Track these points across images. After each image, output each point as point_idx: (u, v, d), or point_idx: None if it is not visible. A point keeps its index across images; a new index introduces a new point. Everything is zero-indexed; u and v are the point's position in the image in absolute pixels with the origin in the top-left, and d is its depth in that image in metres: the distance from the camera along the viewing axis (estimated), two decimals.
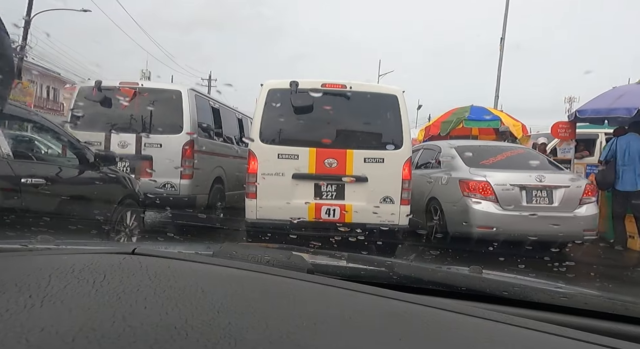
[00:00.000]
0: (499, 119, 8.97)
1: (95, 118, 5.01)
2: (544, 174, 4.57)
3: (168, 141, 4.98)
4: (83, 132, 4.91)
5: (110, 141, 4.95)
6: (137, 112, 5.09)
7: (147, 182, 4.83)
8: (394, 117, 4.15)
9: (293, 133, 4.17)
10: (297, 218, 3.97)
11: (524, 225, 4.20)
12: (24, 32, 15.11)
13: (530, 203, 4.47)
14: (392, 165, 4.05)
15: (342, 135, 4.21)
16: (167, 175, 4.90)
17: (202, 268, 0.66)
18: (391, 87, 4.27)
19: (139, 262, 0.62)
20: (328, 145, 4.07)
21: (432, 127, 9.71)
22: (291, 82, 4.02)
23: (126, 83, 5.18)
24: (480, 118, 9.08)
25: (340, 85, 4.13)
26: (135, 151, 4.95)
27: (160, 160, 4.93)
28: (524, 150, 5.80)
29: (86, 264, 0.58)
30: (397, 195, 4.04)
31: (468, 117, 8.97)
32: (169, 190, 4.93)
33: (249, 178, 4.07)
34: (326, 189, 4.05)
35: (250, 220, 4.05)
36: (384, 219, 4.04)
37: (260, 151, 4.04)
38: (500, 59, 12.49)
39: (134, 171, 4.93)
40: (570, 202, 4.52)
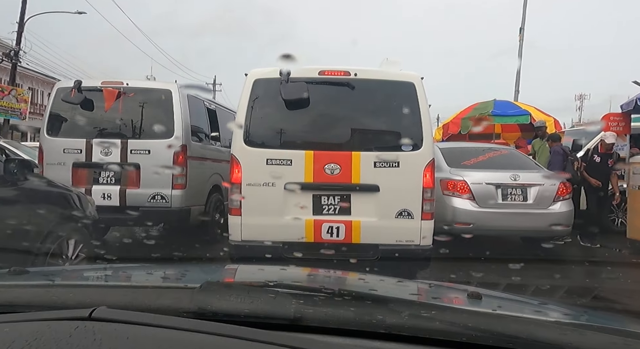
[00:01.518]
0: (528, 114, 8.13)
1: (75, 122, 4.57)
2: (519, 173, 4.89)
3: (157, 146, 4.52)
4: (62, 139, 4.56)
5: (92, 148, 4.49)
6: (122, 115, 4.65)
7: (134, 193, 4.46)
8: (410, 109, 3.39)
9: (285, 133, 3.45)
10: (291, 239, 3.25)
11: (500, 221, 4.60)
12: (17, 37, 14.80)
13: (506, 201, 4.82)
14: (410, 170, 3.29)
15: (346, 134, 3.47)
16: (157, 185, 4.47)
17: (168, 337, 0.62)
18: (407, 72, 3.49)
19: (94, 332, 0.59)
20: (329, 147, 3.34)
21: (450, 125, 8.89)
22: (281, 69, 3.30)
23: (109, 83, 4.66)
24: (505, 113, 8.31)
25: (342, 72, 3.39)
26: (121, 159, 4.48)
27: (148, 168, 4.46)
28: (508, 150, 6.04)
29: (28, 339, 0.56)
30: (416, 207, 3.28)
31: (492, 112, 8.17)
32: (159, 202, 4.46)
33: (232, 189, 3.36)
34: (327, 202, 3.31)
35: (234, 241, 3.33)
36: (401, 238, 3.28)
37: (245, 156, 3.32)
38: (520, 49, 11.70)
39: (119, 181, 4.50)
40: (545, 199, 4.85)
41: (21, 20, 14.42)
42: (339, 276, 1.44)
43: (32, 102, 27.30)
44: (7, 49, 16.29)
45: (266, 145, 3.38)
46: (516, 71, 11.91)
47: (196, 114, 5.02)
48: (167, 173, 4.48)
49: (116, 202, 4.42)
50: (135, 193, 4.47)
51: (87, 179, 4.51)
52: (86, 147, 4.49)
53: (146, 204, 4.44)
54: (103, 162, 4.47)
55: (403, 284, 1.32)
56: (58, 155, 4.50)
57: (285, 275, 1.35)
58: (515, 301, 1.15)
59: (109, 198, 4.43)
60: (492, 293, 1.20)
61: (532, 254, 4.98)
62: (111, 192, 4.46)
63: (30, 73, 26.51)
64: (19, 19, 14.38)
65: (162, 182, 4.49)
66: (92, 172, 4.54)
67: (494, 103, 8.53)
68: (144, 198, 4.46)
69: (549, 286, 2.94)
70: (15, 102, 14.48)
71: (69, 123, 4.64)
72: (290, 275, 1.37)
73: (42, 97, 29.76)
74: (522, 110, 8.39)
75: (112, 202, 4.41)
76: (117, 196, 4.45)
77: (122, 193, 4.47)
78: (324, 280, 1.31)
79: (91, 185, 4.49)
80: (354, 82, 3.38)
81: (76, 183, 4.36)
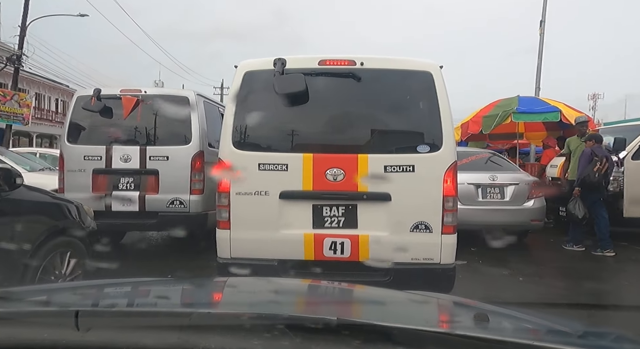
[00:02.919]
0: (558, 111, 7.55)
1: (95, 129, 4.80)
2: (497, 174, 5.62)
3: (175, 153, 4.66)
4: (82, 146, 4.73)
5: (112, 154, 4.64)
6: (141, 122, 4.83)
7: (153, 199, 4.60)
8: (428, 104, 2.95)
9: (280, 134, 3.05)
10: (288, 256, 2.84)
11: (480, 217, 5.09)
12: (19, 41, 14.83)
13: (485, 199, 5.53)
14: (428, 176, 2.86)
15: (352, 134, 3.05)
16: (176, 190, 4.60)
17: None
18: (423, 60, 3.05)
19: None
20: (331, 149, 2.93)
21: (470, 124, 8.38)
22: (276, 59, 2.91)
23: (128, 91, 4.86)
24: (531, 110, 7.73)
25: (346, 61, 2.97)
26: (140, 165, 4.66)
27: (167, 174, 4.63)
28: (488, 154, 6.63)
29: None
30: (436, 219, 2.83)
31: (517, 109, 7.61)
32: (177, 207, 4.60)
33: (219, 199, 2.97)
34: (330, 213, 2.89)
35: (223, 259, 2.95)
36: (417, 256, 2.84)
37: (234, 160, 2.94)
38: (541, 44, 11.07)
39: (138, 187, 4.67)
40: (520, 197, 5.57)
41: (23, 23, 14.44)
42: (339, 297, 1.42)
43: (38, 108, 27.74)
44: (9, 53, 16.36)
45: (258, 147, 2.99)
46: (536, 67, 11.27)
47: (212, 120, 5.05)
48: (185, 179, 4.58)
49: (135, 208, 4.58)
50: (154, 199, 4.61)
51: (107, 185, 4.67)
52: (106, 153, 4.64)
53: (165, 209, 4.58)
54: (122, 168, 4.63)
55: (406, 301, 1.30)
56: (79, 161, 4.67)
57: (281, 297, 1.31)
58: (525, 321, 1.15)
59: (129, 204, 4.59)
60: (501, 311, 1.22)
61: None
62: (131, 198, 4.61)
63: (37, 79, 26.85)
64: (21, 22, 14.41)
65: (181, 188, 4.60)
66: (112, 178, 4.68)
67: (519, 100, 8.00)
68: (162, 203, 4.59)
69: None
70: (18, 107, 14.46)
71: (89, 131, 4.82)
72: (286, 296, 1.34)
73: (48, 103, 30.17)
74: (551, 106, 7.79)
75: (132, 208, 4.57)
76: (136, 201, 4.61)
77: (142, 199, 4.62)
78: (323, 304, 1.29)
79: (111, 191, 4.63)
80: (361, 72, 2.96)
81: (96, 190, 4.61)
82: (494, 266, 4.78)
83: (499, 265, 4.84)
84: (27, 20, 14.57)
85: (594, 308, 3.24)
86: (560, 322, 1.15)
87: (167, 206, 4.58)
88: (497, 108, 8.03)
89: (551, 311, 3.44)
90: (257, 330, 0.77)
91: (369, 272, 2.81)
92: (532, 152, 9.91)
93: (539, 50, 11.16)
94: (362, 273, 2.80)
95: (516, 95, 8.52)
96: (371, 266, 2.80)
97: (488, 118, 7.95)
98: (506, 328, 1.09)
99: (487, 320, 0.97)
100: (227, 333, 0.76)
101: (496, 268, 4.73)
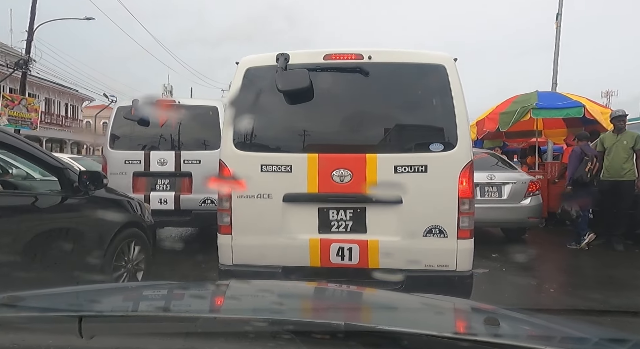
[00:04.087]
0: (581, 106, 7.27)
1: (134, 136, 5.38)
2: (495, 173, 5.85)
3: (207, 157, 5.05)
4: (123, 151, 5.33)
5: (150, 159, 5.24)
6: (175, 129, 5.39)
7: (187, 199, 5.16)
8: (441, 99, 2.82)
9: (284, 133, 2.95)
10: (292, 263, 2.74)
11: (479, 215, 5.53)
12: (27, 45, 15.08)
13: (484, 197, 5.77)
14: (442, 176, 2.72)
15: (360, 132, 2.93)
16: (207, 190, 4.97)
17: None
18: (436, 53, 2.91)
19: None
20: (337, 149, 2.81)
21: (486, 121, 8.13)
22: (279, 55, 2.81)
23: (163, 101, 5.61)
24: (552, 105, 7.43)
25: (353, 55, 2.86)
26: (175, 168, 5.24)
27: (199, 176, 5.10)
28: (487, 154, 6.94)
29: None
30: (451, 223, 2.70)
31: (536, 104, 7.34)
32: (209, 206, 5.03)
33: (220, 203, 2.88)
34: (337, 217, 2.78)
35: (225, 266, 2.86)
36: (431, 263, 2.70)
37: (235, 161, 2.85)
38: (557, 37, 10.72)
39: (174, 188, 5.24)
40: (517, 195, 5.86)
41: (30, 28, 14.68)
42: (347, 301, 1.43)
43: (48, 112, 28.27)
44: (17, 57, 16.66)
45: (261, 147, 2.89)
46: (553, 61, 10.90)
47: None
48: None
49: (171, 206, 5.17)
50: (188, 198, 5.17)
51: (145, 186, 5.26)
52: (144, 158, 5.25)
53: (198, 208, 5.13)
54: (159, 171, 5.26)
55: (416, 305, 1.30)
56: (120, 165, 5.25)
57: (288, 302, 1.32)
58: (538, 326, 1.14)
59: (165, 202, 5.17)
60: (513, 316, 1.22)
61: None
62: (167, 198, 5.19)
63: (46, 84, 27.37)
64: (28, 26, 14.65)
65: (212, 188, 5.25)
66: (150, 180, 5.29)
67: (538, 95, 7.74)
68: (195, 202, 5.14)
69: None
70: (26, 112, 14.69)
71: (129, 138, 5.41)
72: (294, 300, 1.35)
73: (58, 107, 30.72)
74: (573, 101, 7.48)
75: (168, 206, 5.16)
76: (172, 201, 5.19)
77: (177, 198, 5.19)
78: (330, 309, 1.30)
79: (149, 191, 5.23)
80: (369, 66, 2.84)
81: (136, 190, 5.16)
82: (520, 275, 4.57)
83: (525, 273, 4.63)
84: (34, 25, 14.83)
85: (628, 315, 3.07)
86: (577, 327, 1.13)
87: (200, 205, 5.11)
88: (515, 104, 7.77)
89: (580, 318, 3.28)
90: (264, 336, 0.78)
91: (379, 280, 2.68)
92: (550, 150, 9.60)
93: (555, 44, 10.80)
94: (372, 280, 2.67)
95: (534, 90, 8.30)
96: (381, 273, 2.67)
97: (505, 115, 7.69)
98: (517, 333, 1.08)
99: (498, 324, 0.97)
100: (232, 338, 0.76)
101: (522, 277, 4.51)
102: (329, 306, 1.33)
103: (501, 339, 0.92)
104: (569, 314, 3.33)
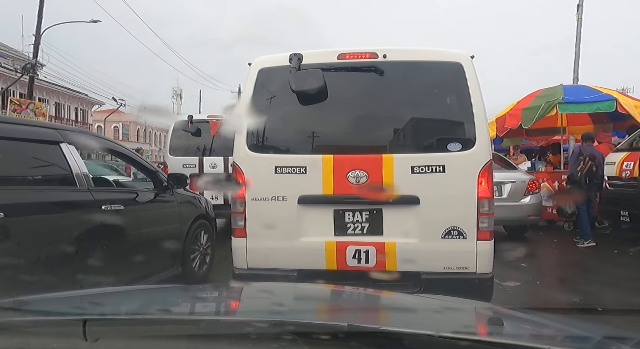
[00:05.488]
0: (613, 99, 7.08)
1: (190, 145, 6.75)
2: (494, 173, 6.33)
3: None
4: (181, 157, 6.69)
5: (203, 163, 6.55)
6: (224, 139, 6.15)
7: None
8: (458, 98, 2.87)
9: (298, 134, 3.03)
10: (308, 266, 2.81)
11: None
12: (34, 49, 15.50)
13: None
14: (460, 176, 2.76)
15: (375, 133, 2.99)
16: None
17: None
18: (452, 50, 2.96)
19: None
20: (353, 150, 2.88)
21: (507, 118, 8.02)
22: (292, 55, 2.89)
23: (213, 116, 6.68)
24: (581, 99, 7.25)
25: (368, 54, 2.93)
26: (224, 170, 6.34)
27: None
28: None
29: None
30: (470, 224, 2.74)
31: (563, 98, 7.18)
32: None
33: (234, 205, 2.98)
34: (353, 219, 2.85)
35: (240, 269, 2.95)
36: (450, 265, 2.75)
37: (249, 164, 2.94)
38: (579, 29, 10.55)
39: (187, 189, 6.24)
40: (517, 194, 6.26)
41: (37, 32, 15.12)
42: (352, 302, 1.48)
43: (58, 117, 29.01)
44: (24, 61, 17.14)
45: (275, 149, 2.98)
46: (574, 54, 10.66)
47: None
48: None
49: (221, 201, 6.15)
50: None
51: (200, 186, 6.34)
52: (199, 162, 6.57)
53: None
54: (211, 173, 6.39)
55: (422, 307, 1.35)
56: (179, 169, 6.21)
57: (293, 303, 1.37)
58: (542, 325, 1.17)
59: (216, 198, 6.17)
60: (518, 316, 1.26)
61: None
62: (218, 195, 6.22)
63: (56, 88, 28.13)
64: (35, 30, 15.09)
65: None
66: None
67: (563, 89, 7.60)
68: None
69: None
70: (34, 116, 15.12)
71: (185, 146, 6.78)
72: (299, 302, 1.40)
73: (68, 112, 31.52)
74: (604, 94, 7.26)
75: (219, 202, 6.14)
76: (222, 197, 6.23)
77: (226, 195, 5.97)
78: (335, 310, 1.36)
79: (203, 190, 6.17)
80: (384, 65, 2.91)
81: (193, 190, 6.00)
82: (558, 290, 4.10)
83: (564, 287, 4.19)
84: (41, 28, 15.27)
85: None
86: (581, 326, 1.16)
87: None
88: (539, 99, 7.64)
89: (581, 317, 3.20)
90: (267, 338, 0.80)
91: (397, 283, 2.73)
92: (571, 147, 9.39)
93: (576, 36, 10.60)
94: (390, 283, 2.73)
95: (559, 84, 8.19)
96: (398, 276, 2.73)
97: (528, 110, 7.57)
98: (520, 332, 1.10)
99: (502, 324, 1.01)
100: (236, 340, 0.78)
101: (562, 293, 3.99)
102: (333, 308, 1.37)
103: (504, 338, 0.94)
104: (570, 314, 3.22)
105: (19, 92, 22.53)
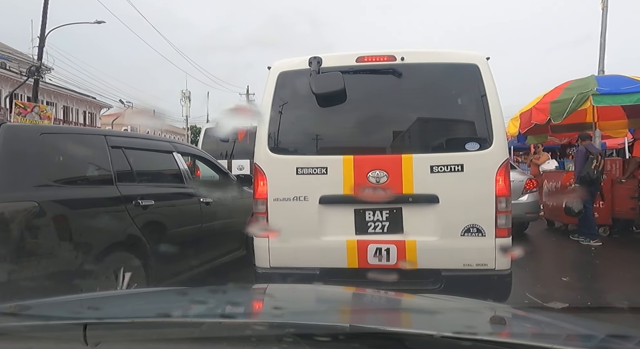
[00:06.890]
0: None
1: (218, 149, 7.83)
2: None
3: None
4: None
5: (232, 165, 7.70)
6: (250, 144, 7.09)
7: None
8: (475, 98, 3.09)
9: (318, 136, 3.30)
10: (330, 264, 3.07)
11: None
12: (38, 52, 16.07)
13: None
14: (478, 175, 2.99)
15: (394, 133, 3.24)
16: None
17: None
18: (468, 52, 3.19)
19: None
20: (373, 150, 3.14)
21: (534, 112, 7.78)
22: (311, 58, 3.16)
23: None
24: (617, 90, 6.89)
25: (386, 56, 3.17)
26: (250, 172, 7.02)
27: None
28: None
29: None
30: (489, 222, 2.96)
31: (597, 89, 6.85)
32: None
33: (256, 206, 3.26)
34: (373, 218, 3.10)
35: (262, 268, 3.23)
36: (469, 262, 2.97)
37: (270, 165, 3.22)
38: (604, 18, 10.20)
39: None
40: (515, 193, 6.63)
41: (42, 34, 15.71)
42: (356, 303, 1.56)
43: (66, 120, 29.92)
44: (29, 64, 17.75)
45: (296, 151, 3.25)
46: (599, 45, 10.24)
47: None
48: None
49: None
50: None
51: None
52: (227, 165, 7.57)
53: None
54: (240, 174, 7.19)
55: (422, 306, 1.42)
56: (210, 171, 7.41)
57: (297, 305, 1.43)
58: (546, 324, 1.21)
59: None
60: (521, 315, 1.32)
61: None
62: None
63: (63, 92, 29.05)
64: (39, 32, 15.71)
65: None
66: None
67: (596, 79, 7.29)
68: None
69: None
70: (39, 119, 15.68)
71: (215, 150, 7.51)
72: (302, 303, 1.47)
73: (76, 115, 32.48)
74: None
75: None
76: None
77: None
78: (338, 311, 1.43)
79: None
80: (402, 68, 3.15)
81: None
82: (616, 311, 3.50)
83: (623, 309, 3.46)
84: (45, 30, 15.87)
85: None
86: (584, 325, 1.22)
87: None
88: (569, 91, 7.33)
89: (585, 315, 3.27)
90: (268, 340, 0.84)
91: (418, 280, 2.97)
92: (597, 145, 8.95)
93: (601, 26, 10.18)
94: (410, 280, 2.96)
95: (591, 74, 7.95)
96: (419, 274, 2.96)
97: (558, 103, 7.27)
98: (523, 331, 1.14)
99: (504, 323, 1.06)
100: (237, 343, 0.82)
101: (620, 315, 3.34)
102: (334, 309, 1.43)
103: (506, 338, 0.99)
104: (573, 312, 3.27)
105: (27, 95, 23.39)
